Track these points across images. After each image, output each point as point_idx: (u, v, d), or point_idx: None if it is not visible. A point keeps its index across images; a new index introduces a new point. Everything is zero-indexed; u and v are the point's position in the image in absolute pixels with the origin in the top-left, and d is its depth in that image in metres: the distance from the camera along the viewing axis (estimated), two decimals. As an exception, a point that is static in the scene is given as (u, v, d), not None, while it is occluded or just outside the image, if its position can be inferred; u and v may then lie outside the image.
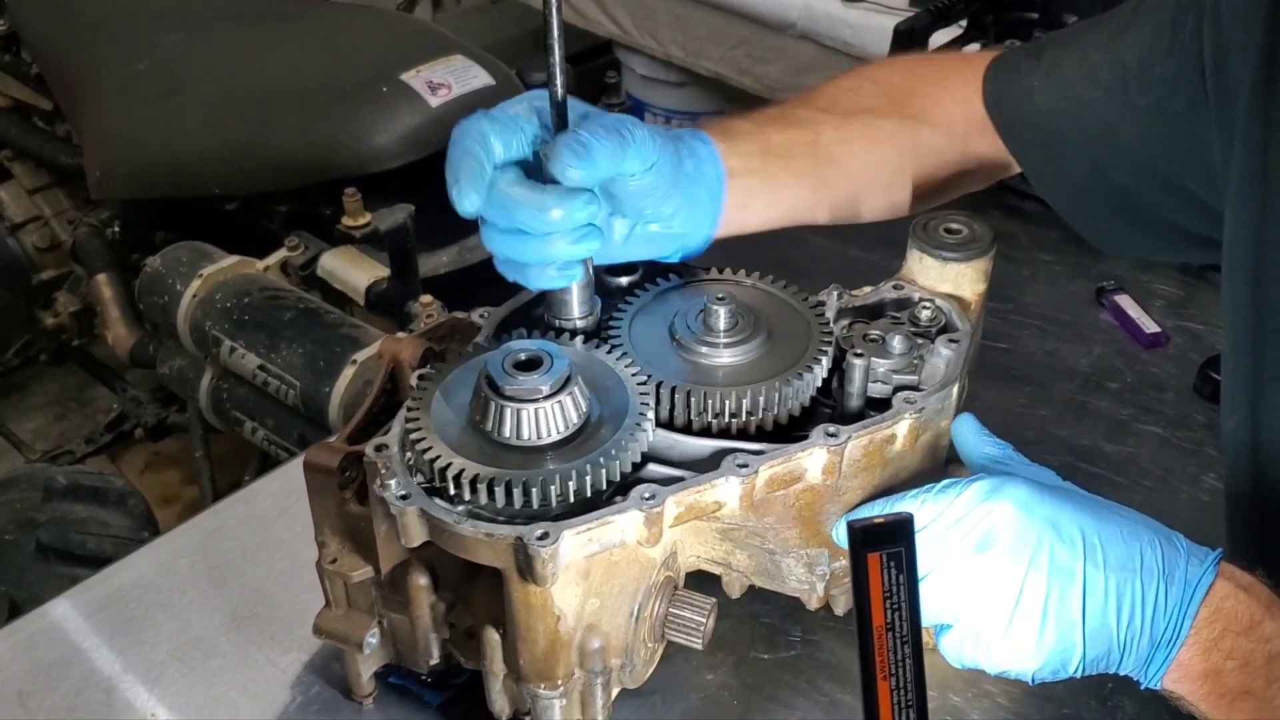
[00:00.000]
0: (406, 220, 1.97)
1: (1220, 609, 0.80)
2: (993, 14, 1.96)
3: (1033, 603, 0.80)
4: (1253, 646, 0.79)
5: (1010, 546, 0.81)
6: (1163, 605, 0.80)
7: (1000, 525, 0.81)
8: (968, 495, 0.83)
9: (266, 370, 1.90)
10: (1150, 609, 0.80)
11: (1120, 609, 0.80)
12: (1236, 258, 0.94)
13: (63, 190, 2.79)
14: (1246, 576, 0.82)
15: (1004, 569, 0.81)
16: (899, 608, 0.73)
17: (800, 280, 1.04)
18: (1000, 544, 0.81)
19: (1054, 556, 0.80)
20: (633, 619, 0.91)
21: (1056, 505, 0.82)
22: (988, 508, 0.82)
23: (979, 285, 1.05)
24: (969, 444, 0.95)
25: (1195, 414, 1.36)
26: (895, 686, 0.73)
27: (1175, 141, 1.02)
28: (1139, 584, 0.80)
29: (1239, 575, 0.82)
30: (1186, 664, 0.80)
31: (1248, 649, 0.79)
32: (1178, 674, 0.81)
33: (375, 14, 2.73)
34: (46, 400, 3.16)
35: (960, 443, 0.96)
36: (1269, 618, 0.79)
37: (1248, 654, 0.79)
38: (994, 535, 0.81)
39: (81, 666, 1.07)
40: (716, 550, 0.98)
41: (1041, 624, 0.80)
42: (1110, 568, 0.80)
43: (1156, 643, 0.80)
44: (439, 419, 0.87)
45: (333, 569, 0.95)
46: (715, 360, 0.95)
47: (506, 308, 1.02)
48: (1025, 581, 0.80)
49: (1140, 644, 0.80)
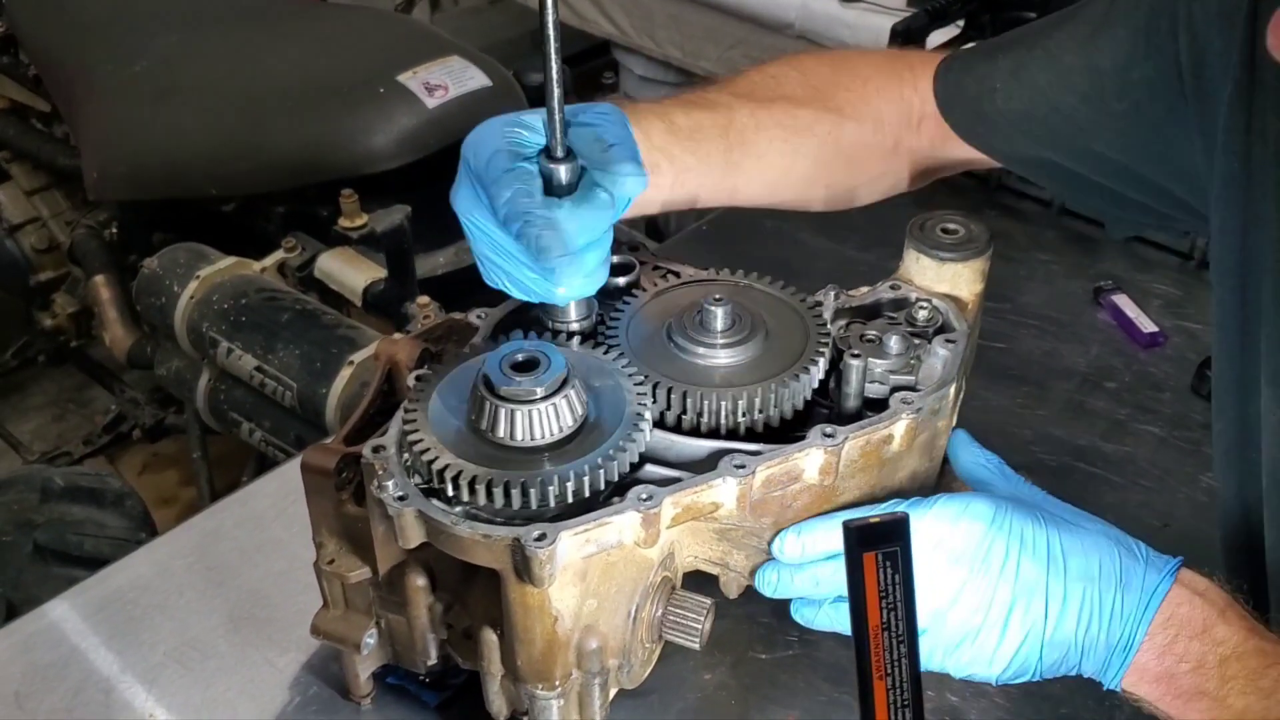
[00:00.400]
0: (403, 221, 1.97)
1: (1174, 615, 0.84)
2: (989, 14, 1.96)
3: (998, 614, 0.85)
4: (1205, 649, 0.82)
5: (979, 561, 0.86)
6: (1119, 611, 0.85)
7: (970, 541, 0.86)
8: (940, 511, 0.87)
9: (263, 371, 1.90)
10: (1107, 615, 0.85)
11: (1080, 616, 0.85)
12: (1223, 264, 0.94)
13: (60, 191, 2.79)
14: (1203, 582, 0.86)
15: (973, 583, 0.85)
16: (895, 607, 0.74)
17: (797, 280, 1.04)
18: (970, 559, 0.86)
19: (1020, 570, 0.85)
20: (630, 620, 0.91)
21: (1024, 521, 0.87)
22: (960, 524, 0.86)
23: (976, 285, 1.05)
24: (960, 458, 1.00)
25: (1193, 413, 1.36)
26: (891, 686, 0.74)
27: (1154, 147, 1.01)
28: (1097, 592, 0.85)
29: (1196, 581, 0.86)
30: (1143, 667, 0.84)
31: (1201, 652, 0.82)
32: (1135, 676, 0.85)
33: (372, 15, 2.73)
34: (45, 401, 3.15)
35: (952, 456, 1.01)
36: (1222, 622, 0.83)
37: (1201, 656, 0.82)
38: (964, 550, 0.86)
39: (79, 668, 1.07)
40: (714, 550, 0.98)
41: (1003, 633, 0.85)
42: (1071, 577, 0.85)
43: (1113, 647, 0.85)
44: (436, 420, 0.87)
45: (330, 570, 0.95)
46: (712, 361, 0.95)
47: (503, 309, 1.02)
48: (994, 595, 0.85)
49: (1098, 648, 0.85)
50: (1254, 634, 0.83)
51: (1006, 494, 0.93)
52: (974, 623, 0.86)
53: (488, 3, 4.06)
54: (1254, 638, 0.83)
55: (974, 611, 0.85)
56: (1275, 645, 0.83)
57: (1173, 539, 1.20)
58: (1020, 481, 0.97)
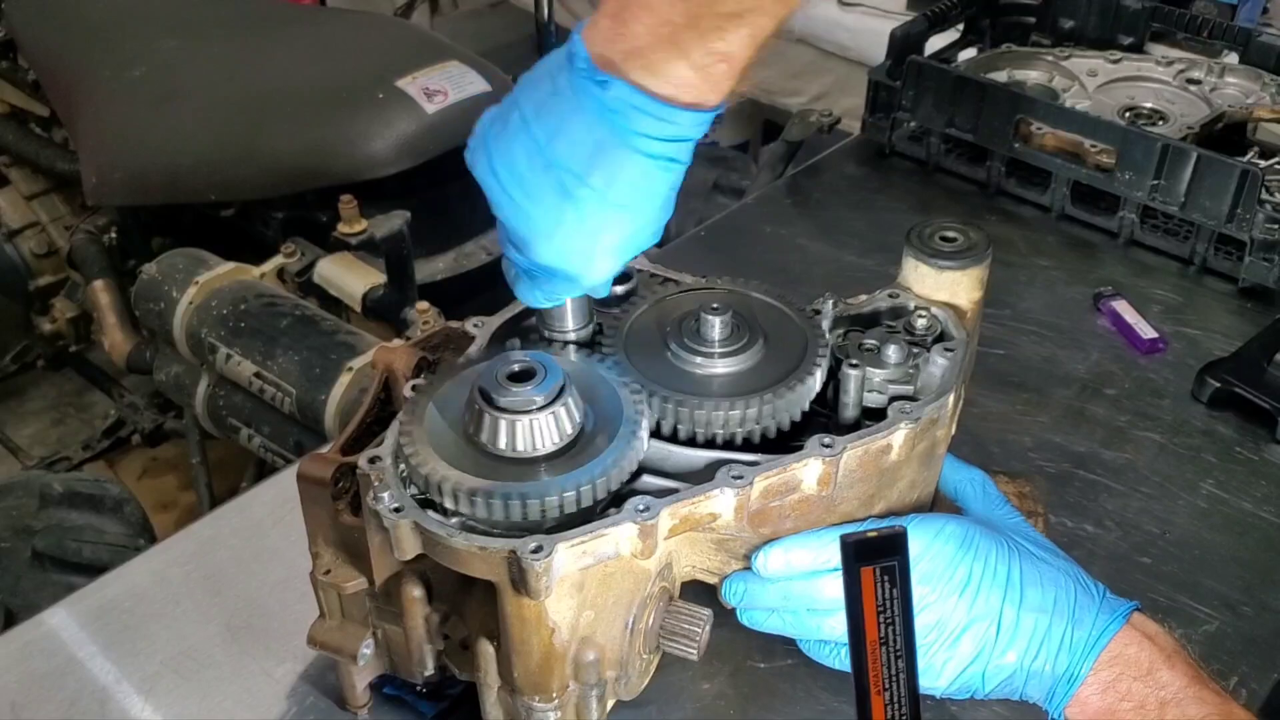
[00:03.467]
0: (403, 227, 1.96)
1: (1121, 654, 0.87)
2: (989, 18, 1.96)
3: (952, 633, 0.89)
4: (1148, 691, 0.86)
5: (944, 583, 0.90)
6: (1067, 645, 0.89)
7: (938, 565, 0.90)
8: (914, 533, 0.89)
9: (262, 377, 1.90)
10: (1055, 647, 0.89)
11: (1029, 646, 0.89)
12: None
13: (60, 196, 2.79)
14: (1154, 627, 0.90)
15: (933, 602, 0.89)
16: (893, 622, 0.73)
17: (795, 286, 1.04)
18: (934, 579, 0.90)
19: (979, 595, 0.89)
20: (628, 631, 0.91)
21: (990, 547, 0.91)
22: (932, 548, 0.90)
23: (975, 293, 1.04)
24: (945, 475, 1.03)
25: (1193, 420, 1.36)
26: (890, 701, 0.73)
27: None
28: (1049, 624, 0.89)
29: (1148, 625, 0.90)
30: (1085, 700, 0.88)
31: (1143, 693, 0.87)
32: (1077, 709, 0.89)
33: (371, 19, 2.73)
34: (44, 406, 3.15)
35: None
36: (1167, 667, 0.87)
37: (1143, 698, 0.86)
38: (930, 572, 0.90)
39: (76, 677, 1.07)
40: (712, 560, 0.97)
41: (953, 650, 0.89)
42: (1026, 608, 0.90)
43: (1059, 677, 0.89)
44: (433, 430, 0.87)
45: (326, 580, 0.95)
46: (710, 370, 0.95)
47: (500, 317, 1.02)
48: (951, 614, 0.89)
49: (1044, 677, 0.90)
50: (1195, 682, 0.86)
51: (982, 516, 0.98)
52: (928, 638, 0.89)
53: (487, 7, 4.06)
54: (1195, 685, 0.86)
55: (929, 628, 0.89)
56: (1215, 696, 0.86)
57: (1172, 546, 1.20)
58: (1000, 502, 1.01)
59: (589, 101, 0.79)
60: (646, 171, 0.81)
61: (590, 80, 0.78)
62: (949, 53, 1.91)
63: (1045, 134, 1.62)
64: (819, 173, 1.86)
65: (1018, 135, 1.65)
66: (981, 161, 1.74)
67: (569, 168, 0.80)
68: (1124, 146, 1.56)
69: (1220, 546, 1.20)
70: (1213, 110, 1.68)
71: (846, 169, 1.85)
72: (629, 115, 0.78)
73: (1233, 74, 1.76)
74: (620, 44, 0.77)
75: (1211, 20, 1.80)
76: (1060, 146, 1.62)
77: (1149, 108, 1.70)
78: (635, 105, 0.78)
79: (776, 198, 1.83)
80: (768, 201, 1.82)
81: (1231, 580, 1.16)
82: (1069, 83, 1.76)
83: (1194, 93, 1.73)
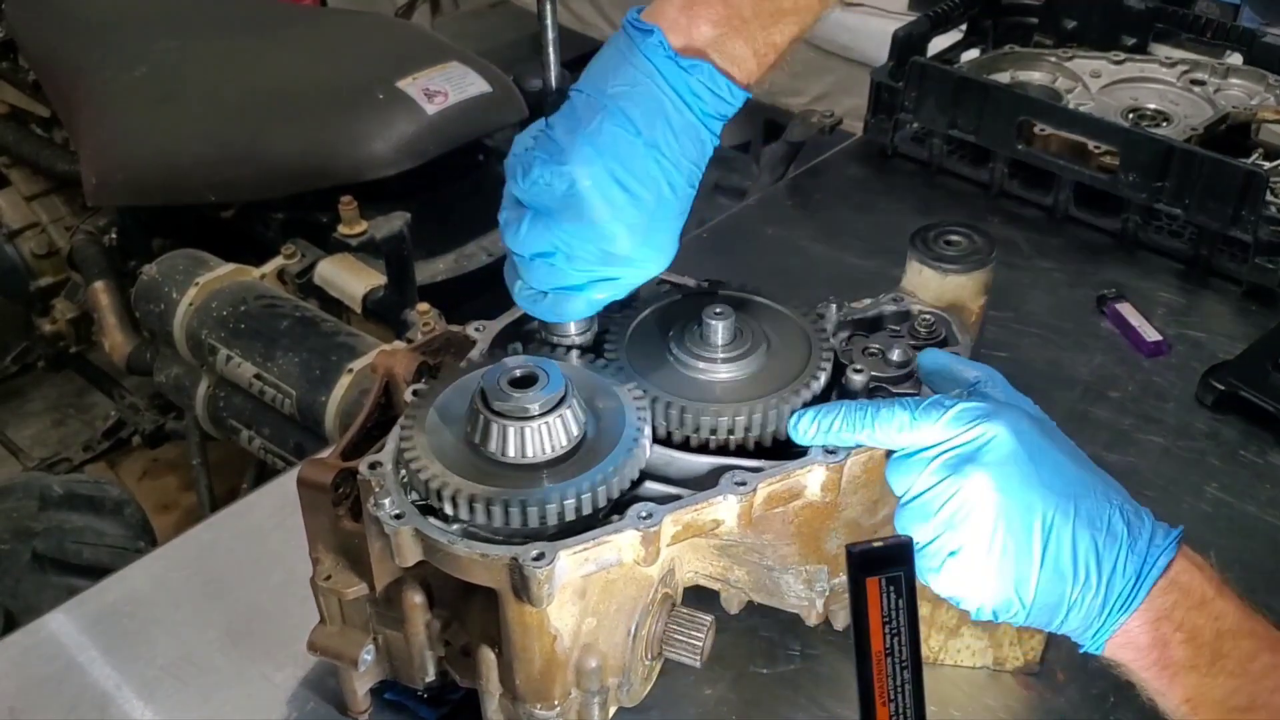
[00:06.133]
0: (403, 228, 1.96)
1: (1176, 581, 0.81)
2: (992, 18, 1.95)
3: (1000, 534, 0.80)
4: (1203, 622, 0.80)
5: (995, 474, 0.80)
6: (1121, 569, 0.80)
7: (990, 451, 0.81)
8: (956, 415, 0.82)
9: (262, 379, 1.89)
10: (1108, 570, 0.80)
11: (1077, 563, 0.80)
12: None
13: (60, 197, 2.79)
14: (1199, 557, 0.83)
15: (984, 495, 0.80)
16: (898, 633, 0.73)
17: (798, 289, 1.03)
18: (986, 470, 0.80)
19: (1030, 494, 0.80)
20: (630, 637, 0.90)
21: (1046, 444, 0.82)
22: (981, 429, 0.81)
23: (979, 297, 1.04)
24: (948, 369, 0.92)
25: (1197, 423, 1.35)
26: (895, 712, 0.73)
27: None
28: (1102, 544, 0.80)
29: (1194, 555, 0.83)
30: (1133, 632, 0.81)
31: (1197, 623, 0.80)
32: (1122, 640, 0.81)
33: (371, 20, 2.72)
34: (44, 407, 3.15)
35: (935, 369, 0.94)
36: (1220, 596, 0.81)
37: (1197, 628, 0.80)
38: (981, 460, 0.81)
39: (75, 682, 1.07)
40: (715, 566, 0.97)
41: (1002, 557, 0.80)
42: (1080, 521, 0.80)
43: (1109, 605, 0.80)
44: (434, 436, 0.86)
45: (327, 585, 0.94)
46: (713, 375, 0.94)
47: (501, 322, 1.02)
48: (1002, 511, 0.80)
49: (1091, 603, 0.81)
50: (1248, 615, 0.81)
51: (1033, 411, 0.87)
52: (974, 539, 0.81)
53: (488, 6, 4.05)
54: (1249, 619, 0.81)
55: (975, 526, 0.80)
56: (1266, 629, 0.81)
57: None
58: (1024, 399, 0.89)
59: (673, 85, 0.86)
60: (706, 153, 0.88)
61: (676, 64, 0.85)
62: (951, 53, 1.90)
63: (1048, 135, 1.61)
64: (821, 174, 1.86)
65: (1020, 137, 1.64)
66: (984, 163, 1.73)
67: (666, 154, 0.86)
68: (1127, 148, 1.55)
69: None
70: (1217, 111, 1.68)
71: (848, 170, 1.85)
72: (704, 97, 0.86)
73: (1237, 75, 1.75)
74: (699, 31, 0.87)
75: (1215, 21, 1.80)
76: (1064, 148, 1.61)
77: (1152, 109, 1.70)
78: (713, 88, 0.86)
79: (778, 199, 1.82)
80: (769, 203, 1.82)
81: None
82: (1072, 84, 1.76)
83: (1198, 94, 1.73)
